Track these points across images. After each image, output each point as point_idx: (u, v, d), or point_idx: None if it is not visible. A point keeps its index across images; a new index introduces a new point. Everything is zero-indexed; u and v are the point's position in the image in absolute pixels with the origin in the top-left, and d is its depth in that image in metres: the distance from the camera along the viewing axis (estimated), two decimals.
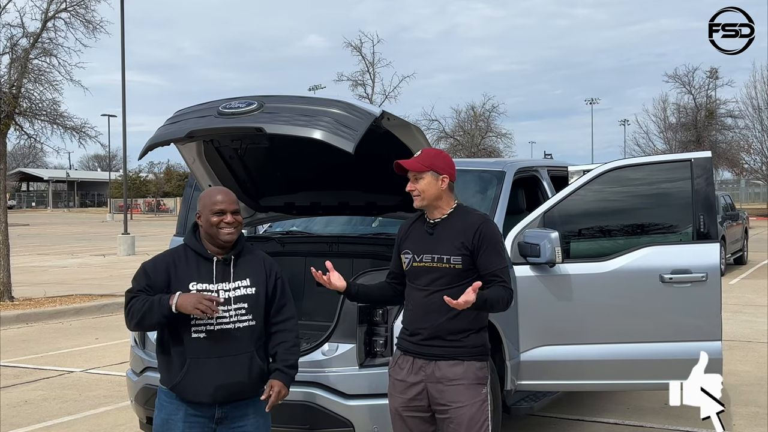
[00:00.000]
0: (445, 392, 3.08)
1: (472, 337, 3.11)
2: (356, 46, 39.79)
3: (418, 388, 3.14)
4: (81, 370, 7.33)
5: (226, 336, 2.94)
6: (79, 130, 12.26)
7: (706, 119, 44.18)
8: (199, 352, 2.92)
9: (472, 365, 3.09)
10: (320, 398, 3.82)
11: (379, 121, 3.59)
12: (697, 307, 4.47)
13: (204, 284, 2.93)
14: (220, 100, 3.72)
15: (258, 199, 4.99)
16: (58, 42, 11.97)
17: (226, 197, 3.01)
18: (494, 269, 3.06)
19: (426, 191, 3.12)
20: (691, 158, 4.60)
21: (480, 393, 3.09)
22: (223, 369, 2.93)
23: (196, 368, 2.92)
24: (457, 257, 3.08)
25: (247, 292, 2.99)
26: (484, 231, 3.08)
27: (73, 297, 11.94)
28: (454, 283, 3.08)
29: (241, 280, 2.99)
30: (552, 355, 4.54)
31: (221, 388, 2.94)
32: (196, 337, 2.91)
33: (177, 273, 2.94)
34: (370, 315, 3.88)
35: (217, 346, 2.93)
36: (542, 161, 6.49)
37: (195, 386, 2.92)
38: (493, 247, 3.08)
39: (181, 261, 2.98)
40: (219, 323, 2.93)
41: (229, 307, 2.94)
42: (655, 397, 5.91)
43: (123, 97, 22.01)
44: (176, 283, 2.93)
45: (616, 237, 4.78)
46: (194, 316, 2.88)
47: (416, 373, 3.15)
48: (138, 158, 4.05)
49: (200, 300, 2.80)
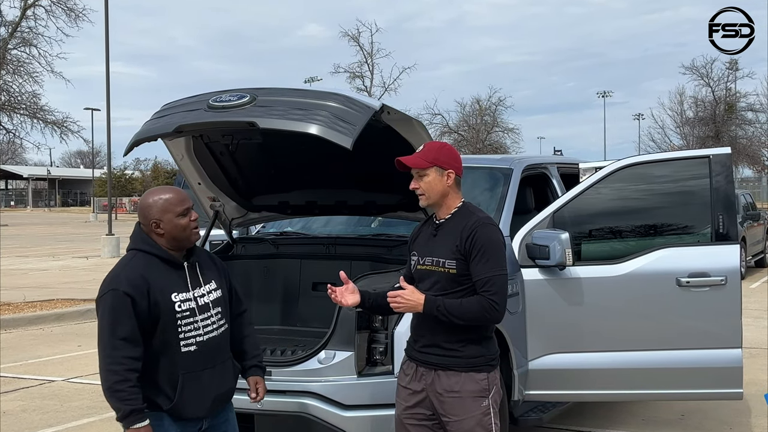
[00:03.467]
0: (445, 404, 3.07)
1: (471, 347, 3.06)
2: (353, 35, 39.88)
3: (421, 396, 3.14)
4: (63, 379, 7.33)
5: (214, 343, 2.94)
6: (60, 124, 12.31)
7: (726, 113, 44.19)
8: (193, 366, 2.88)
9: (470, 377, 3.05)
10: (316, 409, 3.82)
11: (379, 115, 3.59)
12: (715, 312, 4.47)
13: (183, 293, 2.88)
14: (211, 93, 3.72)
15: (250, 197, 5.00)
16: (39, 31, 12.03)
17: (183, 195, 2.92)
18: (481, 277, 2.98)
19: (431, 189, 3.10)
20: (709, 155, 4.60)
21: (480, 406, 3.05)
22: (216, 378, 2.94)
23: (191, 383, 2.88)
24: (451, 261, 3.04)
25: (218, 295, 2.99)
26: (476, 236, 3.01)
27: (55, 302, 11.92)
28: (450, 288, 3.05)
29: (209, 284, 2.98)
30: (562, 363, 4.54)
31: (217, 398, 2.95)
32: (186, 350, 2.87)
33: (154, 285, 2.82)
34: (369, 321, 3.88)
35: (208, 356, 2.92)
36: (552, 158, 6.49)
37: (193, 402, 2.89)
38: (483, 253, 2.99)
39: (152, 271, 2.85)
40: (206, 332, 2.92)
41: (209, 313, 2.93)
42: (671, 408, 5.91)
43: (107, 88, 22.00)
44: (157, 297, 2.81)
45: (629, 238, 4.78)
46: (182, 328, 2.83)
47: (419, 380, 3.15)
48: (123, 154, 4.05)
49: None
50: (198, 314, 2.89)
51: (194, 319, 2.88)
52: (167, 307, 2.82)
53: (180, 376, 2.86)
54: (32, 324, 10.45)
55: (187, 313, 2.86)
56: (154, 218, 2.86)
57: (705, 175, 4.55)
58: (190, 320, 2.87)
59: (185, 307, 2.86)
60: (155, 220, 2.86)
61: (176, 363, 2.86)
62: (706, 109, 44.65)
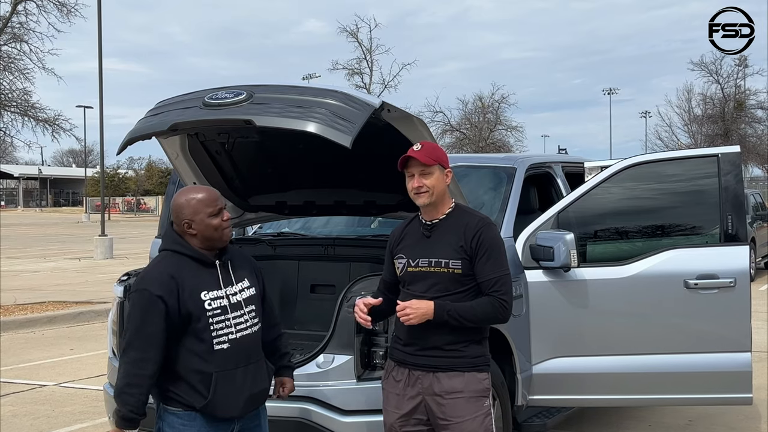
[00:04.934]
0: (445, 406, 3.09)
1: (473, 346, 3.12)
2: (352, 31, 39.88)
3: (416, 401, 3.15)
4: (54, 384, 7.33)
5: (247, 342, 2.97)
6: (52, 122, 12.31)
7: (735, 111, 44.12)
8: (226, 364, 2.91)
9: (473, 377, 3.10)
10: (315, 414, 3.82)
11: (379, 112, 3.58)
12: (724, 315, 4.47)
13: (214, 291, 2.93)
14: (206, 89, 3.72)
15: (247, 197, 5.00)
16: (30, 27, 12.03)
17: (215, 194, 3.00)
18: (490, 277, 3.07)
19: (436, 187, 3.15)
20: (718, 153, 4.60)
21: (482, 406, 3.10)
22: (250, 377, 2.98)
23: (224, 382, 2.91)
24: (456, 261, 3.09)
25: (251, 293, 3.04)
26: (483, 235, 3.09)
27: (46, 304, 11.93)
28: (453, 289, 3.09)
29: (241, 282, 3.03)
30: (566, 367, 4.54)
31: (250, 398, 2.98)
32: (219, 348, 2.90)
33: (184, 284, 2.88)
34: None
35: (242, 354, 2.95)
36: (556, 156, 6.50)
37: (226, 401, 2.91)
38: (491, 253, 3.08)
39: (182, 271, 2.92)
40: (239, 329, 2.95)
41: (242, 311, 2.98)
42: (678, 413, 5.91)
43: (100, 85, 22.03)
44: (186, 296, 2.87)
45: (636, 239, 4.79)
46: (214, 326, 2.88)
47: (413, 385, 3.16)
48: (116, 153, 4.04)
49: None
50: (230, 312, 2.93)
51: (226, 317, 2.92)
52: (197, 305, 2.87)
53: (213, 374, 2.89)
54: (23, 327, 10.45)
55: (219, 311, 2.91)
56: (186, 219, 2.93)
57: (713, 175, 4.55)
58: (221, 318, 2.91)
59: (216, 305, 2.91)
60: (187, 220, 2.93)
61: (209, 361, 2.89)
62: (715, 107, 44.57)
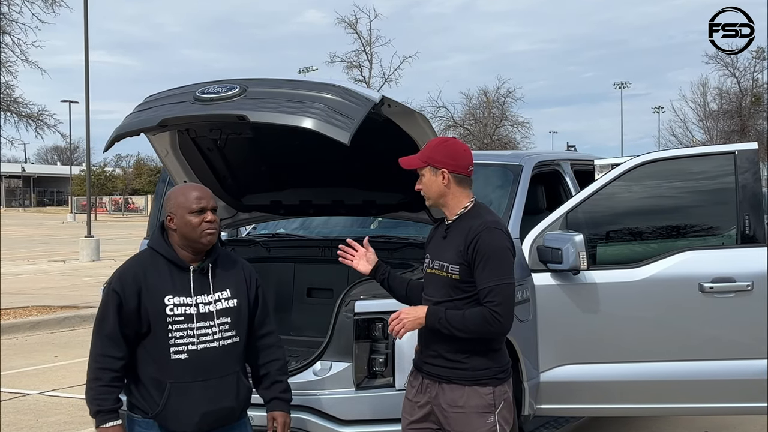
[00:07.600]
0: (449, 419, 3.08)
1: (476, 358, 3.05)
2: (350, 22, 39.84)
3: (426, 409, 3.15)
4: (38, 393, 7.33)
5: (211, 355, 2.92)
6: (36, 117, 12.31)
7: (752, 106, 44.11)
8: (182, 376, 2.89)
9: (474, 392, 3.05)
10: (311, 424, 3.82)
11: (379, 107, 3.59)
12: (741, 320, 4.47)
13: (181, 297, 2.90)
14: (198, 83, 3.72)
15: (240, 197, 4.99)
16: (12, 18, 12.02)
17: (204, 193, 3.00)
18: (484, 286, 2.97)
19: (428, 189, 3.13)
20: (735, 150, 4.60)
21: (485, 423, 3.05)
22: (209, 393, 2.92)
23: (178, 394, 2.89)
24: (455, 266, 3.05)
25: (229, 305, 2.98)
26: (480, 241, 2.99)
27: (30, 309, 11.93)
28: (454, 296, 3.05)
29: (221, 292, 2.98)
30: (575, 375, 4.54)
31: (208, 415, 2.93)
32: (176, 358, 2.88)
33: (148, 285, 2.89)
34: (368, 329, 3.88)
35: (201, 367, 2.91)
36: (565, 154, 6.51)
37: (178, 415, 2.89)
38: (488, 261, 2.98)
39: (151, 270, 2.93)
40: (202, 341, 2.91)
41: (212, 323, 2.93)
42: (692, 423, 5.91)
43: (86, 78, 22.01)
44: (147, 296, 2.88)
45: (648, 240, 4.78)
46: (172, 333, 2.86)
47: (424, 393, 3.16)
48: (103, 150, 4.05)
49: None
50: (195, 321, 2.90)
51: (189, 326, 2.89)
52: (157, 309, 2.87)
53: (168, 384, 2.88)
54: (5, 333, 10.44)
55: (181, 318, 2.88)
56: (169, 211, 2.98)
57: (730, 173, 4.55)
58: (183, 326, 2.88)
59: (179, 311, 2.88)
60: (170, 213, 2.97)
61: (165, 370, 2.89)
62: (731, 101, 44.50)
